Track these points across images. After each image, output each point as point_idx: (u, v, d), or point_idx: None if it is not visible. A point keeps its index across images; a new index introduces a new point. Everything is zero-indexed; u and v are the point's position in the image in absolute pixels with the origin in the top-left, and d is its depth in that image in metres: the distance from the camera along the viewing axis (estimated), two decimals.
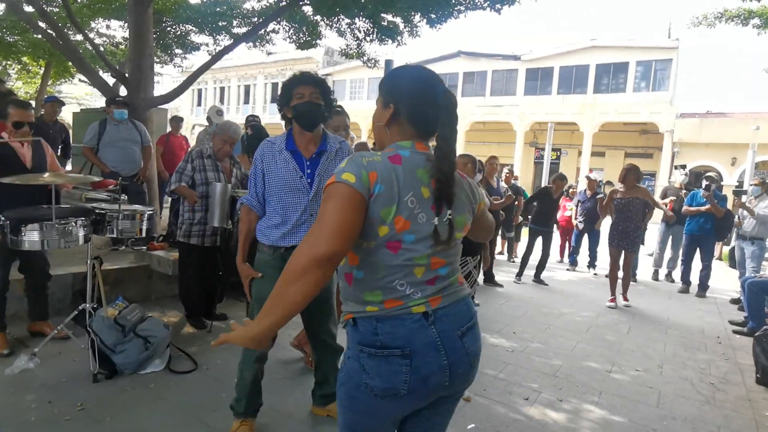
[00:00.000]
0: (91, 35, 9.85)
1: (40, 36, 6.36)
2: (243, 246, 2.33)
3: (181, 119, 7.45)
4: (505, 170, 7.63)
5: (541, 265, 6.38)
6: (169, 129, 7.18)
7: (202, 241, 3.59)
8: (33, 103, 4.45)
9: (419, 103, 1.27)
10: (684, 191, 6.88)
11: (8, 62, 13.75)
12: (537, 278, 6.38)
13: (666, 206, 6.56)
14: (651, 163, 21.13)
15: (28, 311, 3.35)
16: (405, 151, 1.24)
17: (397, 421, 1.33)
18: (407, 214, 1.18)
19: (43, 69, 13.34)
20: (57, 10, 8.39)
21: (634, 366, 3.66)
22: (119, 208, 2.97)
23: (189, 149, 7.43)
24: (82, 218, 2.83)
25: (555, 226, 6.89)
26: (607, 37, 34.54)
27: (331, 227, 1.11)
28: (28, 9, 6.19)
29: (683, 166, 7.29)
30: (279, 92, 2.25)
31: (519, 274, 6.37)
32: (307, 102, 2.14)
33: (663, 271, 7.24)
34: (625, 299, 5.52)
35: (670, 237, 7.01)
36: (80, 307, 3.06)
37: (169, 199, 4.84)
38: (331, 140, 2.29)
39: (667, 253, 7.13)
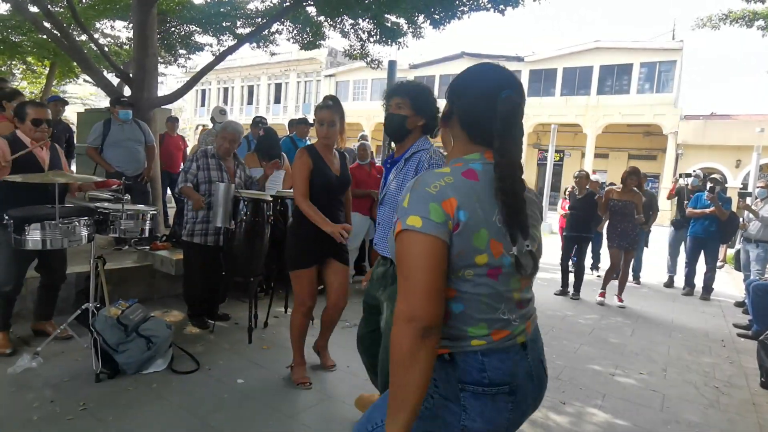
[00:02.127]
0: (96, 35, 9.88)
1: (45, 36, 6.39)
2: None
3: (176, 119, 7.46)
4: None
5: (577, 278, 5.86)
6: (164, 129, 7.19)
7: (205, 240, 3.59)
8: (49, 111, 4.47)
9: (472, 107, 1.11)
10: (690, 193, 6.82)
11: (13, 62, 13.80)
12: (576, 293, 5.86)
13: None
14: (655, 165, 21.06)
15: (33, 310, 3.35)
16: (476, 164, 1.09)
17: None
18: (499, 235, 1.04)
19: (47, 69, 13.40)
20: (62, 10, 8.42)
21: (638, 369, 3.64)
22: (122, 208, 2.98)
23: (185, 149, 7.46)
24: (86, 218, 2.83)
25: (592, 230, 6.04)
26: (610, 38, 34.48)
27: (421, 290, 0.97)
28: (33, 9, 6.22)
29: (688, 175, 7.16)
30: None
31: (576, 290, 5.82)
32: (388, 114, 2.18)
33: (677, 277, 6.89)
34: (620, 300, 5.52)
35: (683, 242, 6.70)
36: (83, 307, 3.07)
37: (172, 198, 4.85)
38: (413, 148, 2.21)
39: (682, 258, 6.79)
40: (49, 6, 5.77)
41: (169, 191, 6.97)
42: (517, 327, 1.11)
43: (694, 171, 7.09)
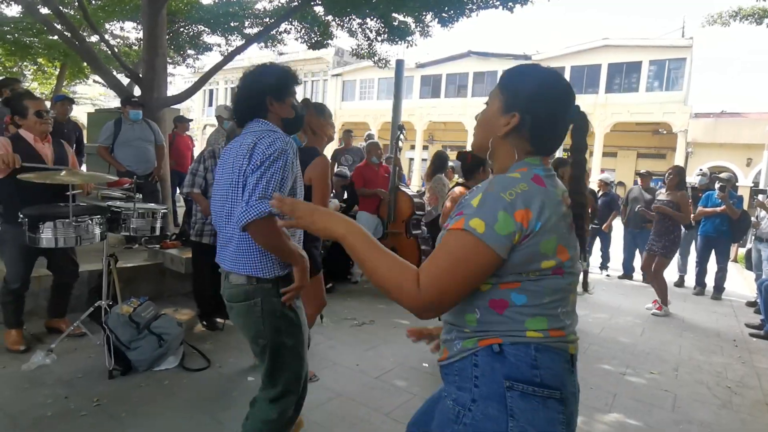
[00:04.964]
0: (106, 37, 9.97)
1: (56, 37, 6.45)
2: None
3: (185, 119, 7.50)
4: None
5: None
6: (173, 128, 7.23)
7: (214, 240, 3.60)
8: (48, 104, 4.50)
9: (549, 118, 1.06)
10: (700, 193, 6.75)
11: (24, 63, 13.97)
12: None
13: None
14: (664, 164, 20.86)
15: (47, 308, 3.39)
16: (539, 169, 1.06)
17: None
18: (565, 240, 1.03)
19: (58, 70, 13.55)
20: (72, 12, 8.51)
21: (649, 369, 3.61)
22: (134, 207, 3.00)
23: (194, 148, 7.51)
24: (99, 216, 2.86)
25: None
26: (619, 36, 34.21)
27: (445, 289, 0.96)
28: (44, 11, 6.29)
29: (704, 174, 7.00)
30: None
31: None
32: None
33: (687, 277, 6.84)
34: (659, 308, 5.19)
35: (694, 241, 6.65)
36: (96, 304, 3.10)
37: (182, 197, 4.89)
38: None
39: (692, 257, 6.72)
40: (60, 7, 5.82)
41: (178, 190, 7.03)
42: (570, 334, 1.06)
43: (701, 170, 7.01)
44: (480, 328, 1.03)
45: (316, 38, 7.55)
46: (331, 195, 4.91)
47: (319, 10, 6.84)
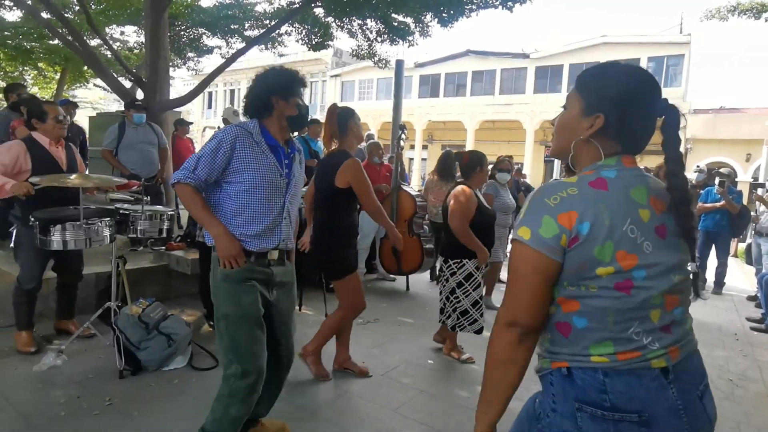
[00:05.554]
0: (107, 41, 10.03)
1: (57, 42, 6.50)
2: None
3: (186, 122, 7.54)
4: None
5: None
6: (174, 131, 7.27)
7: None
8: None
9: (636, 115, 1.04)
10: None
11: (25, 68, 14.02)
12: None
13: None
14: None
15: (55, 309, 3.43)
16: (610, 171, 1.03)
17: None
18: (631, 246, 0.97)
19: (58, 74, 13.61)
20: (72, 16, 8.55)
21: None
22: (143, 209, 3.04)
23: (194, 151, 7.54)
24: (108, 218, 2.91)
25: None
26: (617, 33, 34.26)
27: (522, 299, 1.01)
28: (46, 15, 6.33)
29: (701, 171, 7.07)
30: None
31: None
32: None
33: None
34: None
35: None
36: (105, 305, 3.14)
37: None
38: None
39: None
40: (62, 12, 5.86)
41: None
42: (654, 350, 0.99)
43: (698, 166, 7.05)
44: (552, 349, 1.07)
45: (316, 39, 7.60)
46: None
47: (319, 11, 6.89)
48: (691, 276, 1.07)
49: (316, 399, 2.79)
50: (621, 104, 1.03)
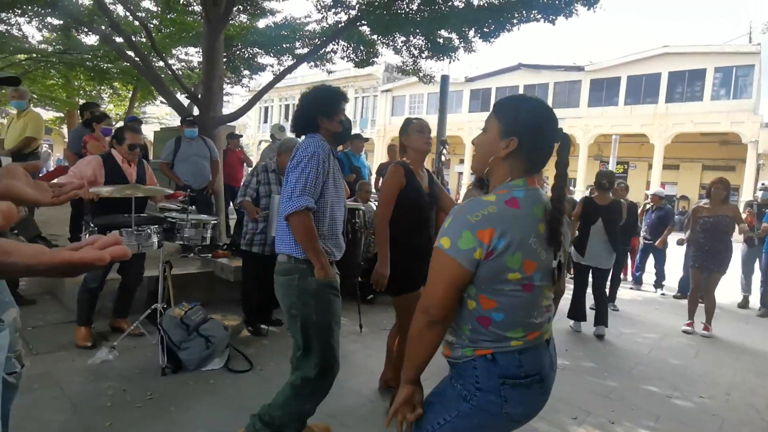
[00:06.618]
0: (172, 61, 10.81)
1: (128, 63, 7.11)
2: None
3: (236, 135, 7.94)
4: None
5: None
6: (226, 144, 7.66)
7: (263, 249, 3.82)
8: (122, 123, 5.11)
9: (542, 141, 1.24)
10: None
11: (102, 87, 15.33)
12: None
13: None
14: (733, 177, 19.47)
15: (112, 309, 3.73)
16: (519, 191, 1.22)
17: None
18: (533, 255, 1.20)
19: (130, 93, 14.80)
20: (143, 40, 9.31)
21: (698, 392, 3.44)
22: (187, 218, 3.27)
23: (245, 163, 7.92)
24: (156, 226, 3.15)
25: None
26: (680, 43, 32.47)
27: (435, 296, 1.21)
28: (118, 40, 6.95)
29: (767, 189, 6.51)
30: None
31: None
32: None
33: (752, 297, 6.40)
34: (706, 329, 4.88)
35: (757, 259, 6.25)
36: (152, 307, 3.38)
37: (234, 209, 5.21)
38: None
39: (756, 276, 6.29)
40: (131, 37, 6.41)
41: (231, 204, 7.45)
42: (545, 327, 1.30)
43: (763, 184, 6.54)
44: (474, 338, 1.26)
45: (362, 56, 7.82)
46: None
47: (364, 30, 7.09)
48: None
49: (338, 404, 2.83)
50: (531, 130, 1.23)
